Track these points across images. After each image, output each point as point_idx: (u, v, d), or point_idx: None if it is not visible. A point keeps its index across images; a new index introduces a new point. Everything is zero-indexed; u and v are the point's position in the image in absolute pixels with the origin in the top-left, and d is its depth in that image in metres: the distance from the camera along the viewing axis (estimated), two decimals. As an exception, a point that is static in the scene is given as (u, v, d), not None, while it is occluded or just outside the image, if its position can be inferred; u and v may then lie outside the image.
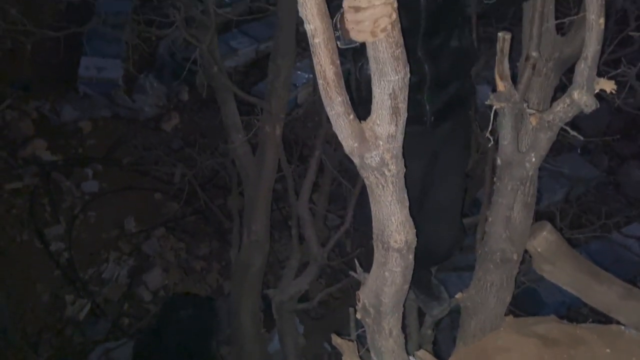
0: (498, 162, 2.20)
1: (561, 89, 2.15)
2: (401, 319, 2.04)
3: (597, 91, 1.85)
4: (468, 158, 3.17)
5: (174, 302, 7.05)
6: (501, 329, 2.51)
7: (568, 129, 1.98)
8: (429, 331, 3.76)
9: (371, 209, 1.78)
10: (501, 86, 2.00)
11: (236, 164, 5.63)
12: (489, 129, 2.04)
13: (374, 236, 1.83)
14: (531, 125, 2.06)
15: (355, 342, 2.40)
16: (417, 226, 1.81)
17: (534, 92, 2.32)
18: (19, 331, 6.94)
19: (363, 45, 1.54)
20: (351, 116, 1.58)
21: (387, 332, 2.01)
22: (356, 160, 1.67)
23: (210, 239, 7.98)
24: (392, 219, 1.75)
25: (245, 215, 5.50)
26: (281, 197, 7.24)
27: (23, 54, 9.05)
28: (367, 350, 2.16)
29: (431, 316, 3.31)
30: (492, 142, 2.16)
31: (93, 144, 8.76)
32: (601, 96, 1.90)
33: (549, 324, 2.51)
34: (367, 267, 1.97)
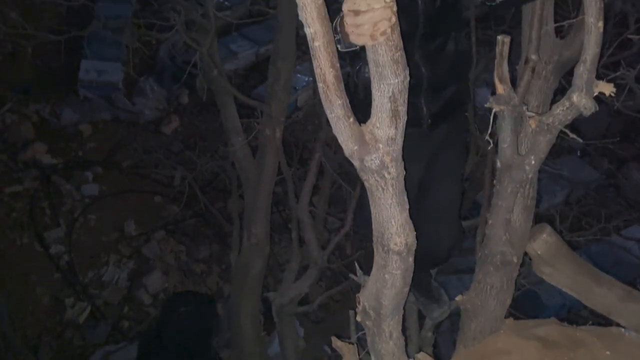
0: (498, 165, 2.21)
1: (560, 92, 2.15)
2: (401, 322, 2.04)
3: (596, 94, 1.86)
4: (465, 160, 3.18)
5: (175, 300, 7.03)
6: (501, 332, 2.51)
7: (567, 132, 1.99)
8: (429, 334, 3.76)
9: (371, 212, 1.78)
10: (500, 89, 2.00)
11: (236, 167, 5.63)
12: (489, 132, 2.04)
13: (374, 239, 1.83)
14: (531, 128, 2.06)
15: (355, 345, 2.40)
16: (416, 228, 1.81)
17: (534, 95, 2.33)
18: (19, 334, 6.91)
19: (362, 48, 1.54)
20: (351, 119, 1.59)
21: (387, 335, 2.01)
22: (356, 163, 1.68)
23: (210, 242, 7.97)
24: (392, 222, 1.76)
25: (245, 218, 5.50)
26: (281, 200, 7.24)
27: (23, 58, 9.07)
28: (367, 353, 2.16)
29: (431, 319, 3.31)
30: (492, 145, 2.16)
31: (93, 147, 8.76)
32: (600, 99, 1.90)
33: (549, 327, 2.51)
34: (367, 270, 1.98)
